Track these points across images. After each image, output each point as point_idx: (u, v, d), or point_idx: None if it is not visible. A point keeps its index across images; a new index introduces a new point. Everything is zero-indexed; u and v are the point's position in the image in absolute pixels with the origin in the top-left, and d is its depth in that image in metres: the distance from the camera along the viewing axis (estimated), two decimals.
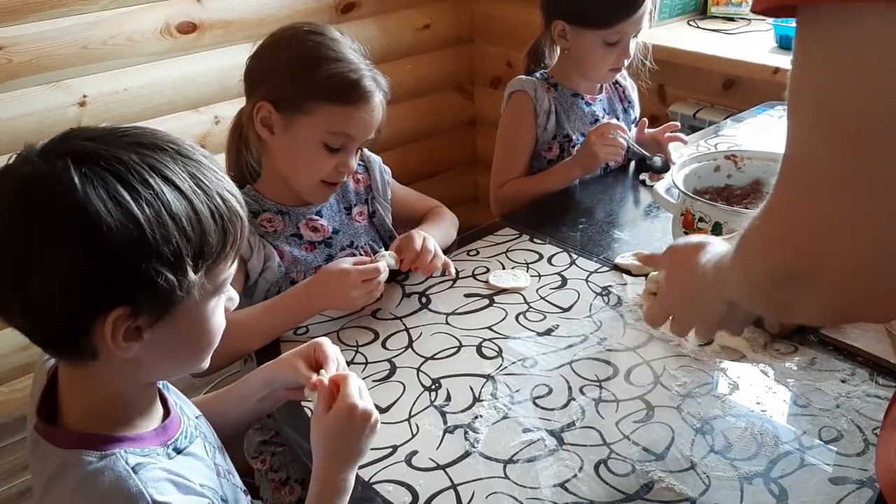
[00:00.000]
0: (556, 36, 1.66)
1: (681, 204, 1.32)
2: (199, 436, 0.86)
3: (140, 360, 0.74)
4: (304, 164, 1.28)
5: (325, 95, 1.22)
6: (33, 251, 0.67)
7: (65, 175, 0.67)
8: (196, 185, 0.73)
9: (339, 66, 1.23)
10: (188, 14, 2.25)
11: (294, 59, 1.24)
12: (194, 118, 2.33)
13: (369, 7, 2.62)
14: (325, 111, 1.23)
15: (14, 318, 0.71)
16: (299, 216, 1.35)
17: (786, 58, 2.03)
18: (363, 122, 1.26)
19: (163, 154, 0.72)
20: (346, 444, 0.85)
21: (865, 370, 1.07)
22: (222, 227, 0.74)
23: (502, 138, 1.75)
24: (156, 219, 0.68)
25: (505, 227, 1.51)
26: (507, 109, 1.73)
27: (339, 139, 1.26)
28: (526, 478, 0.93)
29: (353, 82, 1.23)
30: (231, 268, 0.79)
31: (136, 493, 0.70)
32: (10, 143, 2.02)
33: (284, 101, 1.24)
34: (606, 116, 1.75)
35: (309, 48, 1.24)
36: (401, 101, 2.82)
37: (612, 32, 1.60)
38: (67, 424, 0.77)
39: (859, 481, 0.90)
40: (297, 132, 1.25)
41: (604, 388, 1.07)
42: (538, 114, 1.68)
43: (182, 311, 0.74)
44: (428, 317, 1.24)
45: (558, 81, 1.72)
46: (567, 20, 1.62)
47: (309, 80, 1.22)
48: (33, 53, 2.02)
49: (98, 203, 0.67)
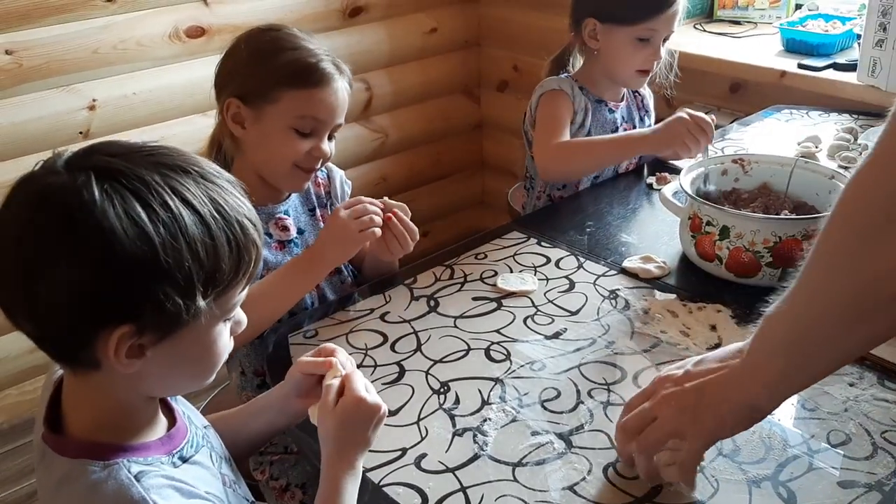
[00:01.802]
0: (586, 36, 1.65)
1: (688, 208, 1.33)
2: (206, 445, 0.86)
3: (142, 376, 0.74)
4: (277, 150, 1.30)
5: (286, 81, 1.26)
6: (44, 260, 0.68)
7: (86, 190, 0.68)
8: (216, 210, 0.73)
9: (297, 52, 1.27)
10: (197, 18, 2.26)
11: (253, 53, 1.29)
12: (203, 122, 2.33)
13: (377, 11, 2.63)
14: (288, 96, 1.26)
15: (21, 323, 0.72)
16: (267, 215, 1.36)
17: (792, 61, 2.04)
18: (328, 104, 1.29)
19: (185, 176, 0.73)
20: (354, 433, 0.87)
21: (874, 374, 1.07)
22: (237, 254, 0.74)
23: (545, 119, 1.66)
24: (170, 242, 0.69)
25: (513, 230, 1.51)
26: (544, 105, 1.67)
27: (307, 122, 1.28)
28: (535, 481, 0.93)
29: (311, 65, 1.27)
30: (242, 294, 0.79)
31: (139, 500, 0.71)
32: (21, 147, 2.04)
33: (250, 94, 1.28)
34: (626, 124, 1.75)
35: (266, 42, 1.30)
36: (408, 105, 2.84)
37: (644, 29, 1.60)
38: (72, 433, 0.77)
39: (867, 485, 0.90)
40: (266, 122, 1.28)
41: (612, 391, 1.08)
42: (576, 110, 1.67)
43: (187, 333, 0.74)
44: (436, 320, 1.25)
45: (584, 85, 1.71)
46: (598, 18, 1.62)
47: (269, 69, 1.27)
48: (43, 58, 2.03)
49: (114, 221, 0.67)
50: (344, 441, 0.87)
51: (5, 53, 1.98)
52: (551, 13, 2.61)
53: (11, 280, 0.70)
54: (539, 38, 1.78)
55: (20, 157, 2.03)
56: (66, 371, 0.78)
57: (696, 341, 1.15)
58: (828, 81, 1.96)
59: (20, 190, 0.71)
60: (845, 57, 2.01)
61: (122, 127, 2.19)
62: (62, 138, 2.08)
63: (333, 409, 0.87)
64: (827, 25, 2.10)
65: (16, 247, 0.69)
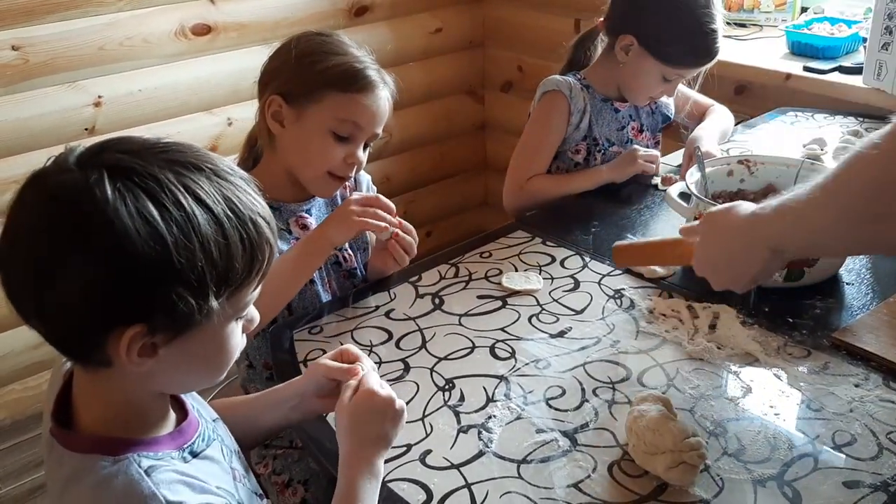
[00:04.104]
0: (618, 47, 1.63)
1: (693, 208, 1.33)
2: (217, 439, 0.86)
3: (153, 374, 0.74)
4: (314, 154, 1.31)
5: (332, 82, 1.27)
6: (56, 259, 0.67)
7: (98, 188, 0.67)
8: (229, 208, 0.72)
9: (344, 57, 1.29)
10: (203, 16, 2.27)
11: (301, 55, 1.30)
12: (208, 120, 2.34)
13: (382, 11, 2.64)
14: (331, 98, 1.27)
15: (32, 322, 0.71)
16: (290, 213, 1.36)
17: (798, 64, 2.04)
18: (370, 111, 1.29)
19: (199, 174, 0.72)
20: (369, 429, 0.87)
21: (879, 375, 1.07)
22: (251, 253, 0.73)
23: (531, 133, 1.72)
24: (183, 242, 0.68)
25: (518, 229, 1.51)
26: (540, 107, 1.71)
27: (346, 126, 1.29)
28: (539, 478, 0.93)
29: (357, 71, 1.28)
30: (255, 292, 0.78)
31: (150, 495, 0.71)
32: (26, 143, 2.04)
33: (293, 93, 1.28)
34: (633, 122, 1.75)
35: (315, 45, 1.31)
36: (412, 105, 2.83)
37: (675, 72, 1.61)
38: (82, 428, 0.77)
39: (873, 485, 0.90)
40: (305, 121, 1.29)
41: (617, 389, 1.08)
42: (572, 112, 1.67)
43: (199, 332, 0.73)
44: (441, 317, 1.25)
45: (591, 84, 1.71)
46: (639, 39, 1.60)
47: (316, 70, 1.27)
48: (49, 54, 2.04)
49: (127, 220, 0.66)
50: (358, 436, 0.87)
51: (11, 49, 1.98)
52: (557, 14, 2.61)
53: (22, 279, 0.70)
54: (544, 39, 1.78)
55: (26, 152, 2.04)
56: (77, 367, 0.77)
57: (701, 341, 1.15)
58: (833, 84, 1.96)
59: (31, 187, 0.70)
60: (851, 60, 2.01)
61: (128, 124, 2.20)
62: (68, 135, 2.08)
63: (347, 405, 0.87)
64: (833, 29, 2.10)
65: (27, 246, 0.69)
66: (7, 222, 0.70)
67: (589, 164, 1.72)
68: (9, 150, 2.02)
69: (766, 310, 1.21)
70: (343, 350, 0.96)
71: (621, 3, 1.66)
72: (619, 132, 1.73)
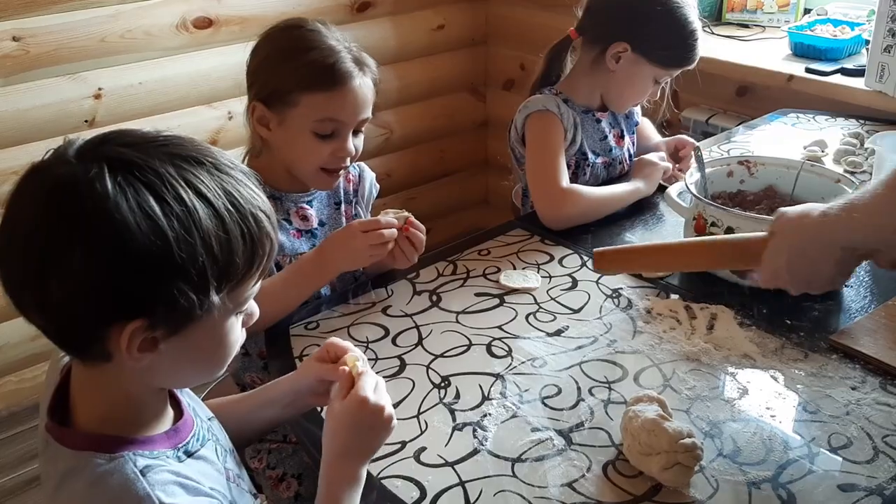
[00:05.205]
0: (608, 56, 1.58)
1: (693, 208, 1.32)
2: (212, 439, 0.85)
3: (153, 369, 0.74)
4: (301, 155, 1.30)
5: (304, 84, 1.25)
6: (56, 253, 0.67)
7: (98, 182, 0.66)
8: (230, 202, 0.71)
9: (314, 53, 1.26)
10: (204, 10, 2.26)
11: (273, 55, 1.29)
12: (208, 113, 2.34)
13: (385, 7, 2.63)
14: (307, 100, 1.26)
15: (30, 315, 0.71)
16: (291, 203, 1.36)
17: (800, 65, 2.03)
18: (348, 104, 1.28)
19: (199, 168, 0.71)
20: (355, 438, 0.85)
21: (876, 378, 1.07)
22: (251, 247, 0.73)
23: (539, 151, 1.58)
24: (184, 236, 0.68)
25: (516, 227, 1.51)
26: (534, 129, 1.59)
27: (326, 125, 1.28)
28: (534, 477, 0.93)
29: (328, 67, 1.25)
30: (255, 287, 0.78)
31: (144, 496, 0.70)
32: (26, 134, 2.04)
33: (272, 98, 1.28)
34: (614, 130, 1.72)
35: (285, 42, 1.29)
36: (413, 102, 2.83)
37: (666, 73, 1.60)
38: (79, 425, 0.77)
39: (868, 489, 0.90)
40: (288, 125, 1.28)
41: (613, 389, 1.07)
42: (566, 129, 1.60)
43: (200, 327, 0.73)
44: (438, 315, 1.25)
45: (569, 97, 1.65)
46: (632, 45, 1.56)
47: (287, 72, 1.26)
48: (50, 45, 2.03)
49: (127, 214, 0.66)
50: (344, 444, 0.85)
51: (12, 40, 1.98)
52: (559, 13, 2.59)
53: (21, 272, 0.69)
54: (547, 37, 1.76)
55: (25, 143, 2.03)
56: (76, 362, 0.77)
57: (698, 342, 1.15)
58: (835, 86, 1.95)
59: (31, 180, 0.70)
60: (853, 62, 2.01)
61: (128, 116, 2.19)
62: (68, 126, 2.08)
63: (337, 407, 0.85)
64: (835, 30, 2.09)
65: (26, 239, 0.68)
66: (6, 214, 0.70)
67: (577, 179, 1.64)
68: (8, 141, 2.02)
69: (764, 311, 1.20)
70: (329, 345, 0.94)
71: (609, 13, 1.61)
72: (602, 142, 1.68)
